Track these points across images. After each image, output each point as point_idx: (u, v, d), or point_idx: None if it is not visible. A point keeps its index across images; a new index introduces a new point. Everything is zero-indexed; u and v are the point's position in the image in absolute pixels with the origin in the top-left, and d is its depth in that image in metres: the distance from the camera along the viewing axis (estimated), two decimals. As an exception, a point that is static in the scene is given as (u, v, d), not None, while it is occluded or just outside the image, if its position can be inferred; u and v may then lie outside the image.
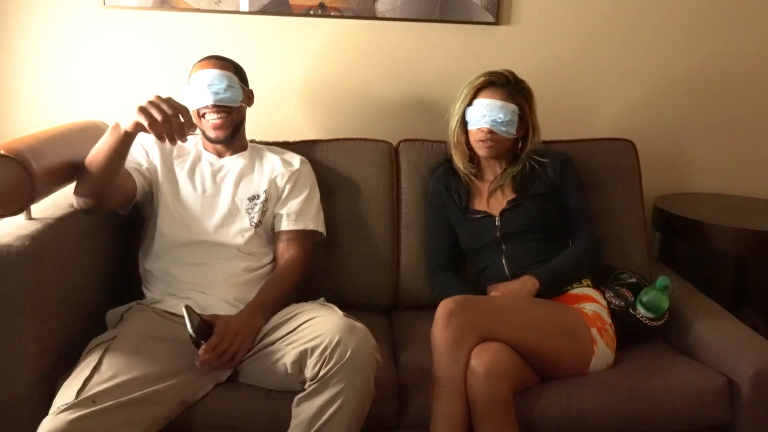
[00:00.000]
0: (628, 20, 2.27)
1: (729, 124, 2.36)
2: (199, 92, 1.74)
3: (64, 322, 1.56)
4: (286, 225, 1.81)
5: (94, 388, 1.34)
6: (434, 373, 1.54)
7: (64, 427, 1.27)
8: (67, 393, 1.35)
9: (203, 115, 1.77)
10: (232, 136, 1.82)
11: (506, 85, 1.84)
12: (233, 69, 1.83)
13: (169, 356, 1.50)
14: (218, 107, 1.76)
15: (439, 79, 2.23)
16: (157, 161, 1.79)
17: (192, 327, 1.47)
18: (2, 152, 1.42)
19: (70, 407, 1.30)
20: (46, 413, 1.42)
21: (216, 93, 1.74)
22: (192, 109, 1.76)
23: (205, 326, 1.51)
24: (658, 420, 1.58)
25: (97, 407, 1.31)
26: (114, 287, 1.76)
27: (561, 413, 1.56)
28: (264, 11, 2.17)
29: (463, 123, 1.88)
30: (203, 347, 1.47)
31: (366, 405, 1.44)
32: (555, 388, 1.59)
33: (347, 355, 1.39)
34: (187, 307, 1.49)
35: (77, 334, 1.58)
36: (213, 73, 1.76)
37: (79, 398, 1.32)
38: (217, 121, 1.76)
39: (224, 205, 1.78)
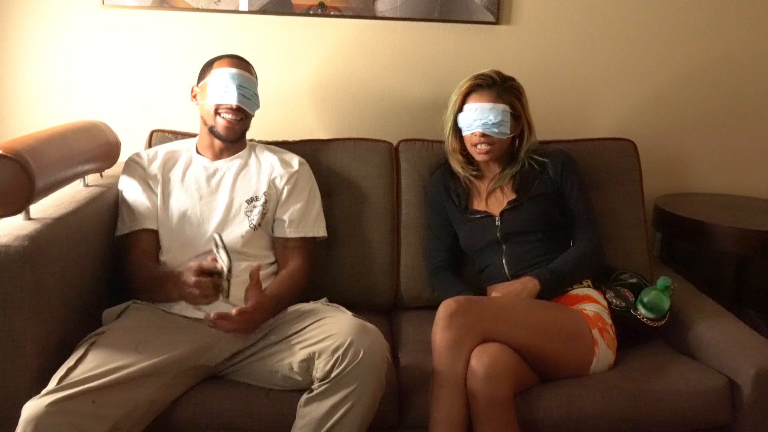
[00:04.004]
0: (630, 19, 2.26)
1: (730, 123, 2.36)
2: (227, 88, 1.74)
3: (63, 323, 1.55)
4: (287, 232, 1.81)
5: (76, 377, 1.35)
6: (434, 374, 1.53)
7: (43, 410, 1.27)
8: (51, 383, 1.35)
9: (219, 113, 1.77)
10: (238, 139, 1.82)
11: (493, 86, 1.83)
12: (255, 76, 1.85)
13: (162, 347, 1.49)
14: (240, 110, 1.76)
15: (439, 79, 2.23)
16: (159, 189, 1.79)
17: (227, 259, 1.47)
18: (1, 152, 1.41)
19: (50, 392, 1.30)
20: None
21: (243, 95, 1.75)
22: (211, 103, 1.76)
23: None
24: (658, 421, 1.57)
25: (75, 390, 1.31)
26: (113, 287, 1.76)
27: (561, 414, 1.55)
28: (263, 11, 2.16)
29: (457, 129, 1.88)
30: (240, 309, 1.49)
31: (376, 404, 1.45)
32: (555, 388, 1.59)
33: (360, 356, 1.40)
34: (219, 235, 1.51)
35: (76, 335, 1.57)
36: (244, 75, 1.77)
37: (60, 384, 1.32)
38: (233, 121, 1.77)
39: (222, 209, 1.77)
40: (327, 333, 1.45)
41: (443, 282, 1.90)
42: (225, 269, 1.46)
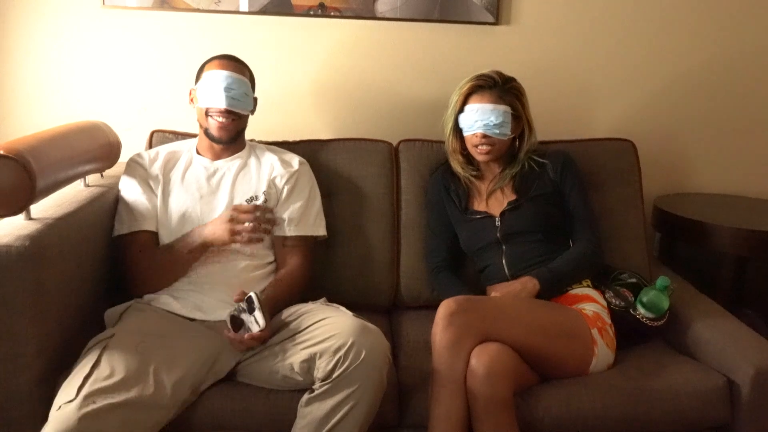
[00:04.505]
0: (629, 20, 2.27)
1: (729, 124, 2.36)
2: (215, 91, 1.74)
3: (64, 323, 1.55)
4: (287, 231, 1.81)
5: (94, 386, 1.34)
6: (434, 374, 1.54)
7: (76, 425, 1.27)
8: (67, 390, 1.35)
9: (210, 115, 1.77)
10: (234, 140, 1.82)
11: (494, 86, 1.83)
12: (249, 75, 1.84)
13: (169, 353, 1.49)
14: (230, 112, 1.76)
15: (439, 79, 2.23)
16: (159, 190, 1.79)
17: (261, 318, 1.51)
18: (2, 152, 1.42)
19: (79, 405, 1.30)
20: (45, 413, 1.42)
21: (232, 98, 1.74)
22: (202, 107, 1.77)
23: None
24: (658, 420, 1.58)
25: (102, 404, 1.31)
26: (113, 287, 1.76)
27: (561, 413, 1.56)
28: (263, 11, 2.17)
29: (457, 130, 1.88)
30: (253, 334, 1.50)
31: (377, 404, 1.45)
32: (555, 388, 1.59)
33: (362, 357, 1.40)
34: (257, 294, 1.53)
35: (77, 335, 1.57)
36: (232, 77, 1.76)
37: (80, 395, 1.32)
38: (225, 122, 1.77)
39: (222, 208, 1.77)
40: (328, 333, 1.46)
41: (443, 282, 1.90)
42: (258, 330, 1.50)
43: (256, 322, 1.50)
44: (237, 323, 1.53)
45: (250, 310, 1.51)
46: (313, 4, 2.17)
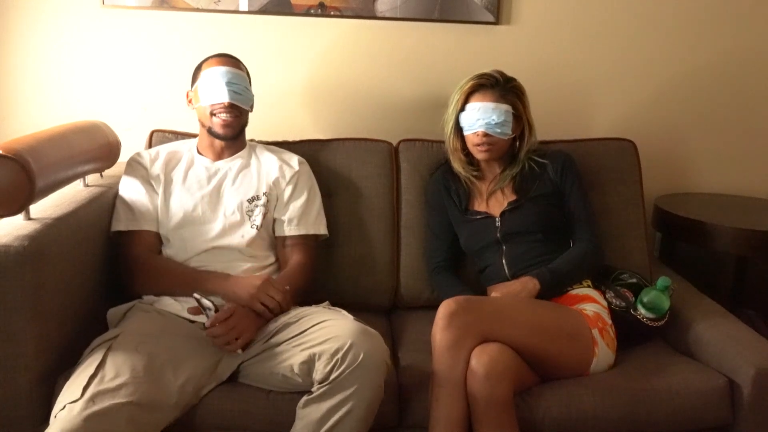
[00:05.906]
0: (629, 19, 2.27)
1: (730, 123, 2.36)
2: (217, 87, 1.74)
3: (64, 323, 1.55)
4: (287, 230, 1.81)
5: (99, 386, 1.34)
6: (434, 374, 1.53)
7: (81, 424, 1.26)
8: (72, 390, 1.34)
9: (214, 113, 1.77)
10: (237, 136, 1.82)
11: (496, 85, 1.83)
12: (246, 71, 1.85)
13: (173, 355, 1.49)
14: (233, 107, 1.76)
15: (439, 79, 2.23)
16: (161, 189, 1.79)
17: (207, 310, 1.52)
18: (1, 152, 1.41)
19: (84, 405, 1.29)
20: (45, 413, 1.42)
21: (234, 92, 1.75)
22: (205, 105, 1.77)
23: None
24: (658, 420, 1.58)
25: (108, 404, 1.30)
26: (113, 287, 1.76)
27: (561, 414, 1.55)
28: (263, 11, 2.16)
29: (458, 129, 1.88)
30: (211, 319, 1.51)
31: (375, 409, 1.45)
32: (555, 388, 1.59)
33: (360, 359, 1.39)
34: (196, 298, 1.53)
35: (77, 335, 1.57)
36: (232, 72, 1.76)
37: (85, 395, 1.31)
38: (229, 119, 1.77)
39: (223, 208, 1.78)
40: (328, 335, 1.45)
41: (443, 282, 1.90)
42: (212, 312, 1.52)
43: (207, 309, 1.52)
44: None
45: (203, 308, 1.53)
46: (312, 3, 2.17)
